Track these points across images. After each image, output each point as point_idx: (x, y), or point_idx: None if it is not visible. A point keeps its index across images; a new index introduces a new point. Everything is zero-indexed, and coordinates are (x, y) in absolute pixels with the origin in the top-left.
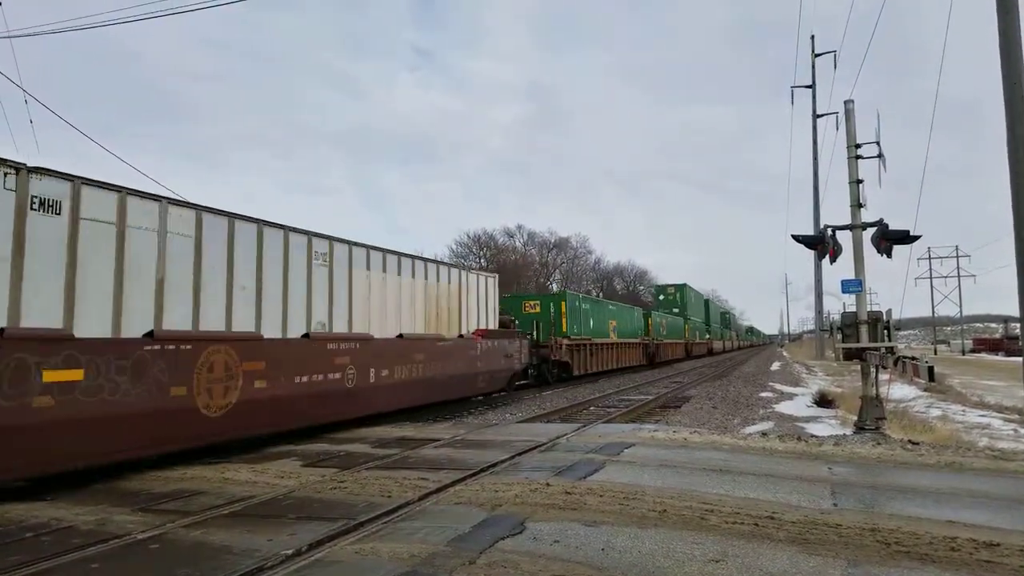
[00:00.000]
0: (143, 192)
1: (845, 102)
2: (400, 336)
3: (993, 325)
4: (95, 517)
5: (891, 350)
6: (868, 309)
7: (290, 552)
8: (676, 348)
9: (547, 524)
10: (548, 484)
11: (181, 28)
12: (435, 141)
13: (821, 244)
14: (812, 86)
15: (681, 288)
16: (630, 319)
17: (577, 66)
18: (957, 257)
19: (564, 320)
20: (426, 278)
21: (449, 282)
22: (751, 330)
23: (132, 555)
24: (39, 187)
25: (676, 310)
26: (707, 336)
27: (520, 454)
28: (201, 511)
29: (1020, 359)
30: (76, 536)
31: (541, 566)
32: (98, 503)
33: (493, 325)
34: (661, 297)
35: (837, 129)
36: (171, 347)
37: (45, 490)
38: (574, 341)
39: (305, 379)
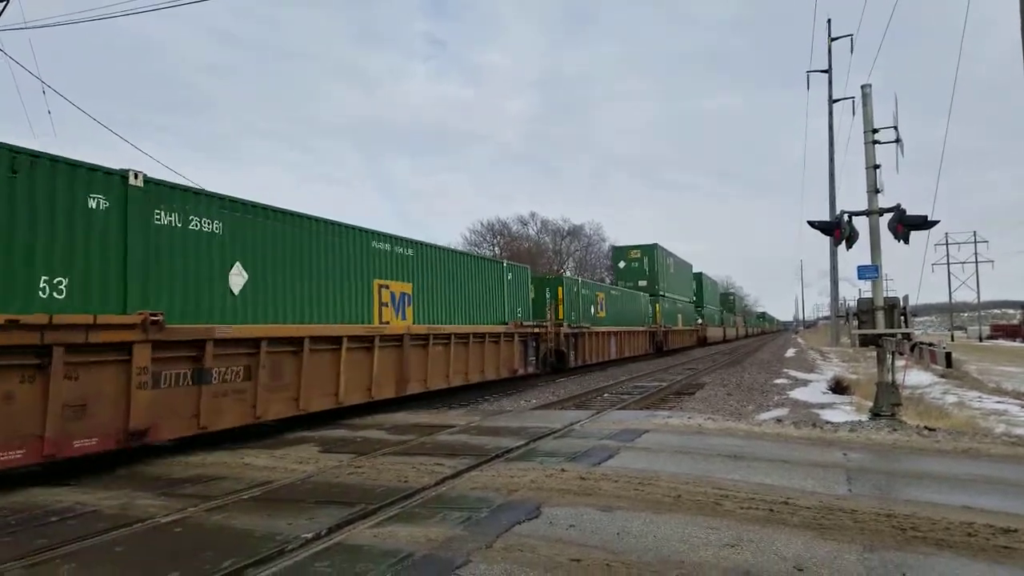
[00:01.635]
0: None
1: (862, 86)
2: None
3: (1011, 311)
4: (119, 501)
5: (908, 336)
6: (884, 295)
7: (310, 536)
8: (632, 340)
9: (563, 509)
10: (563, 470)
11: (196, 21)
12: (448, 132)
13: (837, 230)
14: (828, 71)
15: (650, 251)
16: (488, 285)
17: (590, 55)
18: (975, 243)
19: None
20: None
21: None
22: (763, 316)
23: (156, 538)
24: None
25: (643, 283)
26: (698, 321)
27: (535, 440)
28: (222, 495)
29: None
30: (101, 520)
31: (557, 550)
32: (121, 488)
33: None
34: (621, 264)
35: (853, 114)
36: None
37: (69, 475)
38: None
39: None
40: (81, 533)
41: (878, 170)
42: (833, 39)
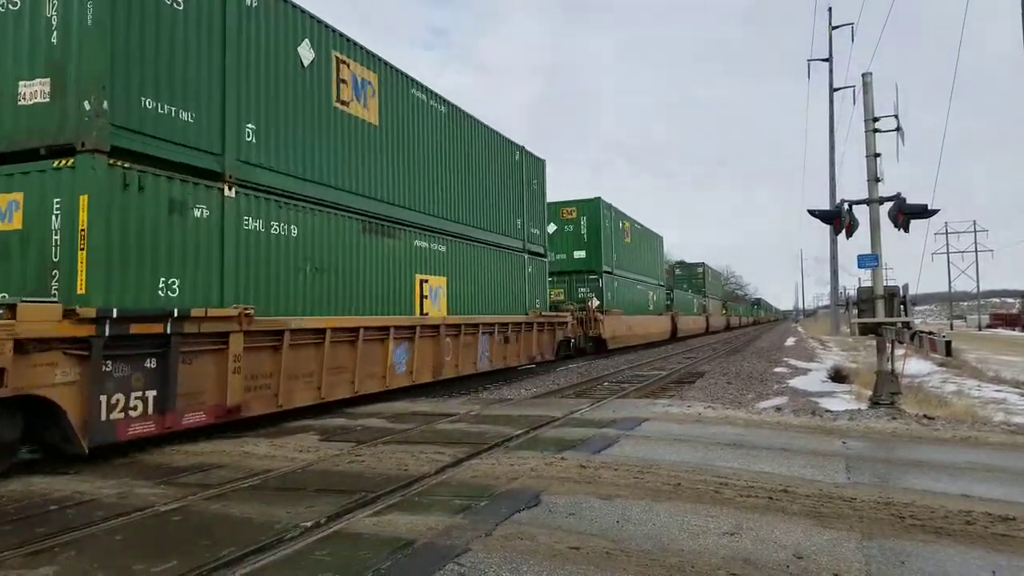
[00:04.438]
0: None
1: (863, 74)
2: None
3: (1010, 300)
4: (117, 490)
5: (907, 325)
6: (884, 284)
7: (309, 524)
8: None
9: (562, 497)
10: (563, 458)
11: None
12: None
13: (837, 219)
14: (829, 59)
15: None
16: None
17: (592, 42)
18: (975, 232)
19: None
20: None
21: None
22: (758, 303)
23: (155, 527)
24: None
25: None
26: (591, 303)
27: (535, 428)
28: (221, 484)
29: None
30: (99, 509)
31: (557, 538)
32: (120, 477)
33: None
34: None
35: (854, 103)
36: None
37: (68, 464)
38: None
39: None
40: (80, 522)
41: (878, 159)
42: (834, 28)
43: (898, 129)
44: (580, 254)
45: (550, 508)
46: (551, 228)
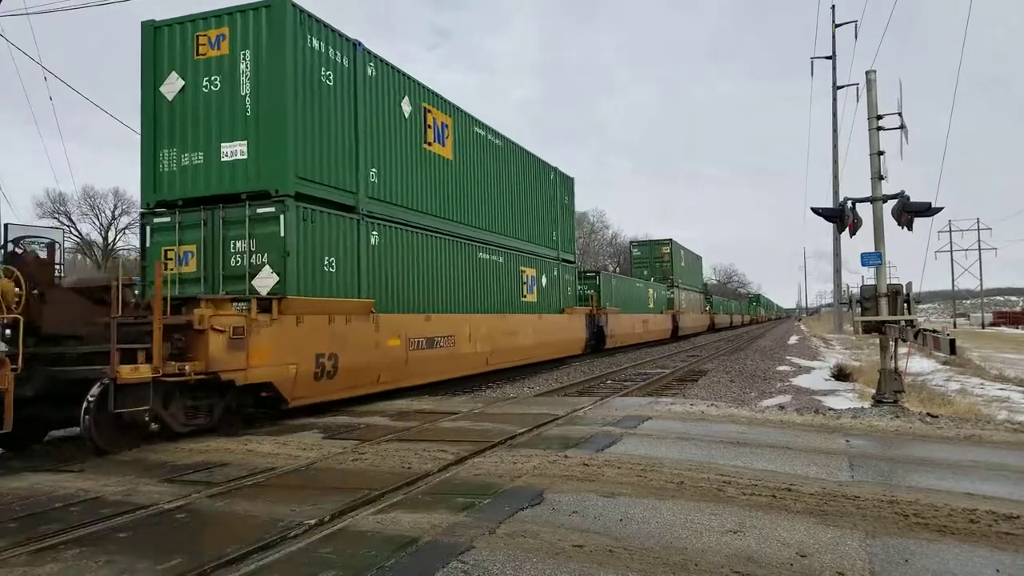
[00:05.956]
0: None
1: (867, 72)
2: None
3: (1014, 298)
4: (122, 488)
5: (911, 323)
6: (887, 282)
7: (313, 522)
8: None
9: (566, 495)
10: (566, 456)
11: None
12: None
13: (841, 217)
14: (832, 57)
15: None
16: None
17: (593, 41)
18: (978, 230)
19: None
20: None
21: None
22: (757, 300)
23: (160, 524)
24: None
25: None
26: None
27: (538, 426)
28: (225, 482)
29: None
30: (105, 506)
31: (560, 536)
32: (125, 474)
33: None
34: None
35: (857, 101)
36: None
37: (73, 461)
38: None
39: None
40: (85, 519)
41: (882, 157)
42: (837, 25)
43: (902, 127)
44: (235, 149)
45: (553, 506)
46: (172, 86)
